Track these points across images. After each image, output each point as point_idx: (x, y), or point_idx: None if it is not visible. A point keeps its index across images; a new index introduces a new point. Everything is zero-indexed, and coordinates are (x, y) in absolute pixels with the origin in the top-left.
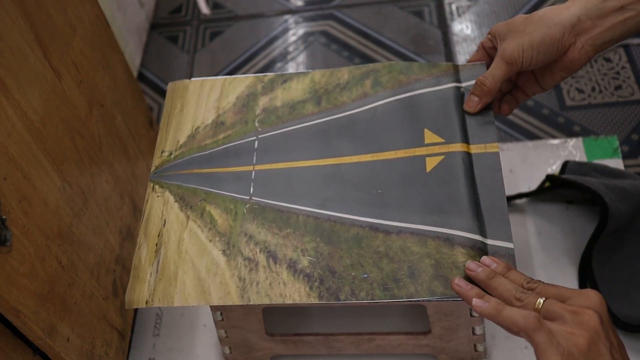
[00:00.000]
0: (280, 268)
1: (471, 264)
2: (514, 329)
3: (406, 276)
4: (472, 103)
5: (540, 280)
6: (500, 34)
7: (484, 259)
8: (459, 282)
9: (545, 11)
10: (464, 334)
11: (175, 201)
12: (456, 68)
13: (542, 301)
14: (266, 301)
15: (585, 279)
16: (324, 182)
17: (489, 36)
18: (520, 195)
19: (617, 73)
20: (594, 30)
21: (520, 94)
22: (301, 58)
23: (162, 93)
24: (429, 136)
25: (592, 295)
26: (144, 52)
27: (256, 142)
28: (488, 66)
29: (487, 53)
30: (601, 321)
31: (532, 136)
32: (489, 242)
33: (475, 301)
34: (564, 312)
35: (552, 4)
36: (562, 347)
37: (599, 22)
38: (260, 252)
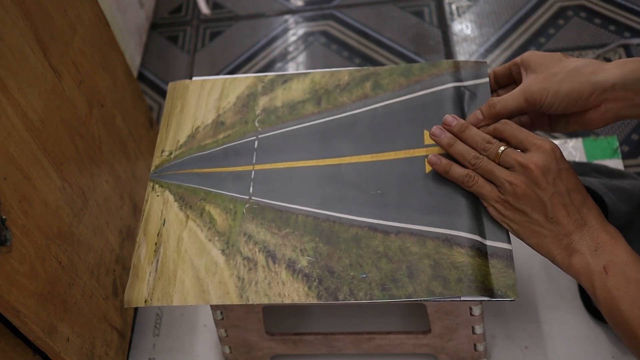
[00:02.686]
0: (279, 268)
1: (448, 118)
2: (458, 183)
3: (405, 276)
4: (476, 119)
5: (511, 123)
6: (531, 65)
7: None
8: (435, 131)
9: (584, 64)
10: (464, 333)
11: (175, 200)
12: (457, 66)
13: (501, 152)
14: (265, 301)
15: None
16: (323, 182)
17: (518, 61)
18: None
19: None
20: (623, 102)
21: (526, 123)
22: (301, 58)
23: (162, 93)
24: (429, 137)
25: (545, 148)
26: (144, 52)
27: (256, 142)
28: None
29: (512, 73)
30: (543, 172)
31: None
32: (488, 242)
33: (431, 157)
34: (515, 163)
35: (550, 6)
36: (495, 192)
37: (631, 97)
38: (259, 251)
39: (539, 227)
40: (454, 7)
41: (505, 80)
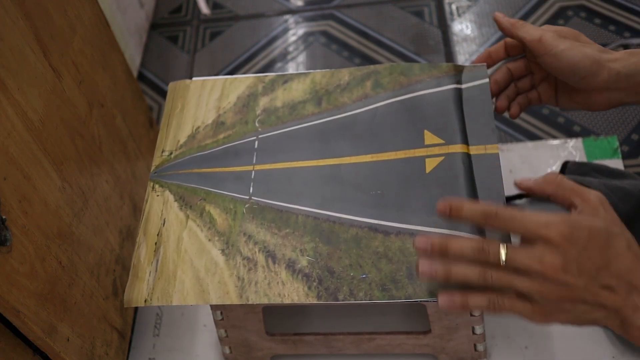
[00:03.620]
0: (279, 268)
1: (419, 242)
2: (486, 312)
3: (405, 277)
4: (499, 20)
5: (502, 209)
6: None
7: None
8: (423, 269)
9: (597, 46)
10: (464, 333)
11: (175, 200)
12: (457, 69)
13: (504, 260)
14: (265, 301)
15: None
16: (323, 182)
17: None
18: (520, 196)
19: None
20: (627, 91)
21: (535, 96)
22: (301, 58)
23: (162, 93)
24: (429, 137)
25: (551, 239)
26: (144, 52)
27: (256, 142)
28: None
29: (507, 50)
30: (564, 270)
31: (532, 136)
32: None
33: (444, 298)
34: (530, 272)
35: (550, 6)
36: (528, 306)
37: (633, 86)
38: (259, 251)
39: (587, 314)
40: (454, 7)
41: (516, 50)
